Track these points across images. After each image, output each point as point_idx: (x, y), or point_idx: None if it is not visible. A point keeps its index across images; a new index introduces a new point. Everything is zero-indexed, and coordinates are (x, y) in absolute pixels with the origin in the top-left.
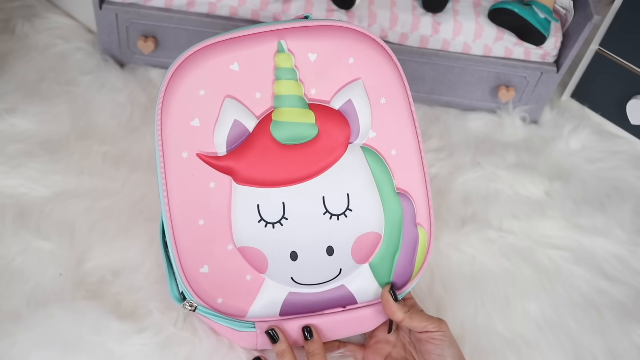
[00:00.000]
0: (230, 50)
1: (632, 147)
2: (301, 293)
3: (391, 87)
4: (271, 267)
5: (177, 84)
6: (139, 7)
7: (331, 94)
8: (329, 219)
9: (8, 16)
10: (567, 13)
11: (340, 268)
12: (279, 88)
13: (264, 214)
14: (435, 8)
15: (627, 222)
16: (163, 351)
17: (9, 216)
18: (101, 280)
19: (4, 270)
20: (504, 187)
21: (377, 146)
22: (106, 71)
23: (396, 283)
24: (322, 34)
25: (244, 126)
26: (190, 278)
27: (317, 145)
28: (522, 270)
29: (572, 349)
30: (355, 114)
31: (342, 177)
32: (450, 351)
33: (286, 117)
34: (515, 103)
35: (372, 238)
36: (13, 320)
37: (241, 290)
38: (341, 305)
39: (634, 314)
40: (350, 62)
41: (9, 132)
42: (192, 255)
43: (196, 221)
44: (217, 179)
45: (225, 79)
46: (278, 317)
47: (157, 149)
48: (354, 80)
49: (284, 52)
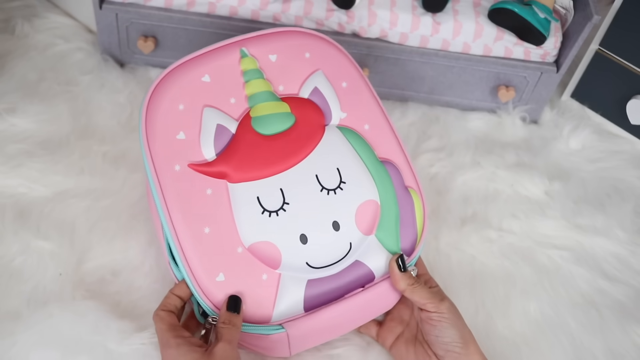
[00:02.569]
0: (198, 65)
1: (632, 147)
2: (320, 280)
3: (347, 72)
4: (284, 257)
5: (156, 105)
6: (139, 7)
7: (298, 86)
8: (327, 194)
9: (8, 16)
10: (567, 13)
11: (349, 242)
12: (250, 88)
13: (265, 204)
14: (435, 8)
15: (627, 222)
16: None
17: (8, 216)
18: (101, 280)
19: (4, 270)
20: (504, 187)
21: (351, 124)
22: (106, 71)
23: (405, 249)
24: (276, 38)
25: (227, 129)
26: (206, 291)
27: (298, 131)
28: (522, 270)
29: (572, 349)
30: (324, 99)
31: (329, 155)
32: (449, 333)
33: (263, 110)
34: (515, 103)
35: (371, 206)
36: (13, 320)
37: (261, 293)
38: (361, 286)
39: (634, 314)
40: (307, 56)
41: (9, 132)
42: (205, 266)
43: (202, 231)
44: (212, 185)
45: (200, 91)
46: (303, 313)
47: (149, 169)
48: (314, 72)
49: (248, 57)
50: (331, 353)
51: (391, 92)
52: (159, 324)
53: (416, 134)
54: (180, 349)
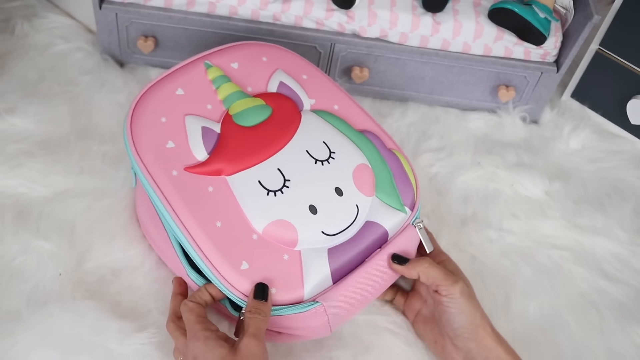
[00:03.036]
0: (169, 82)
1: (633, 147)
2: (340, 248)
3: (304, 67)
4: (300, 231)
5: (139, 121)
6: (139, 7)
7: (264, 84)
8: (321, 165)
9: (8, 16)
10: (567, 13)
11: (355, 204)
12: (222, 93)
13: (267, 185)
14: (435, 8)
15: (628, 222)
16: (163, 351)
17: (8, 216)
18: (101, 280)
19: (4, 270)
20: (504, 187)
21: (322, 107)
22: (106, 71)
23: (407, 204)
24: (233, 49)
25: (212, 130)
26: (233, 281)
27: (277, 118)
28: (522, 270)
29: (572, 349)
30: (291, 90)
31: (312, 132)
32: (457, 319)
33: (241, 107)
34: (516, 103)
35: (365, 170)
36: (13, 320)
37: (287, 274)
38: (378, 247)
39: (634, 314)
40: (264, 60)
41: (8, 132)
42: (226, 258)
43: (214, 226)
44: (212, 183)
45: (177, 103)
46: (332, 285)
47: (147, 181)
48: (275, 71)
49: (212, 67)
50: (330, 355)
51: (391, 92)
52: (188, 315)
53: (416, 134)
54: (207, 343)
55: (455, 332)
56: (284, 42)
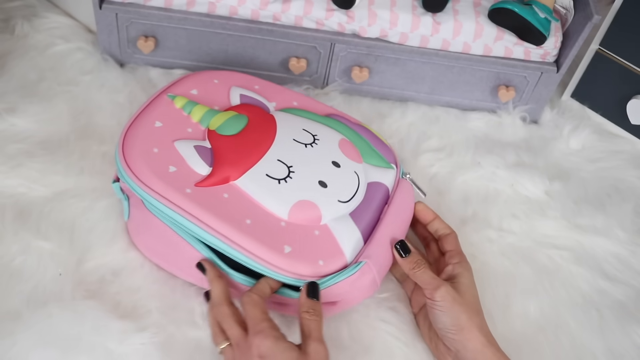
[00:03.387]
0: (145, 118)
1: (633, 147)
2: (357, 210)
3: (252, 80)
4: (320, 205)
5: (134, 159)
6: (139, 7)
7: (227, 101)
8: (312, 147)
9: (8, 16)
10: (568, 13)
11: (354, 171)
12: (196, 115)
13: (275, 175)
14: (435, 8)
15: (628, 222)
16: (163, 351)
17: (8, 216)
18: (101, 280)
19: (4, 270)
20: (504, 187)
21: (284, 106)
22: (106, 71)
23: (391, 162)
24: (186, 79)
25: (203, 146)
26: (285, 265)
27: (255, 121)
28: (522, 270)
29: (573, 349)
30: (252, 99)
31: (290, 124)
32: (441, 320)
33: (220, 120)
34: (516, 103)
35: (347, 143)
36: (13, 320)
37: (325, 247)
38: (385, 202)
39: (634, 314)
40: (216, 82)
41: (8, 132)
42: (269, 247)
43: (245, 224)
44: (224, 190)
45: (161, 134)
46: (365, 244)
47: (165, 205)
48: (230, 88)
49: (177, 97)
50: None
51: (391, 92)
52: (253, 309)
53: (416, 134)
54: (278, 344)
55: (440, 332)
56: (284, 42)
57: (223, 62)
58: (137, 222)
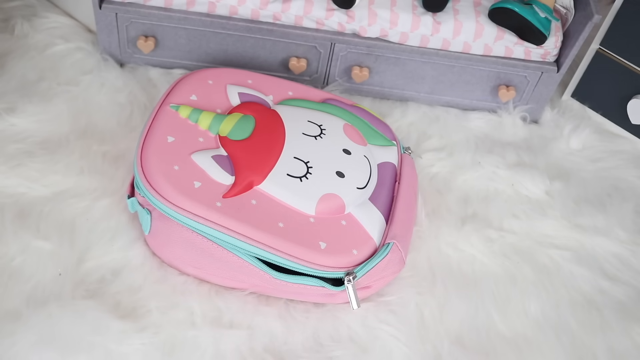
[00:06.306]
0: (156, 134)
1: (633, 147)
2: (374, 194)
3: (244, 75)
4: (343, 195)
5: (158, 181)
6: (139, 7)
7: (227, 102)
8: (321, 139)
9: (8, 16)
10: (568, 12)
11: (363, 155)
12: (203, 123)
13: (296, 174)
14: (435, 8)
15: (628, 222)
16: (163, 351)
17: (8, 216)
18: (101, 280)
19: (4, 270)
20: (505, 187)
21: (281, 98)
22: (106, 71)
23: (392, 139)
24: (182, 85)
25: (221, 155)
26: (324, 261)
27: (263, 120)
28: (522, 269)
29: (573, 349)
30: (251, 95)
31: (295, 118)
32: None
33: (229, 126)
34: (516, 102)
35: (350, 128)
36: (13, 320)
37: (354, 235)
38: (394, 179)
39: (634, 314)
40: (210, 82)
41: (8, 132)
42: (306, 245)
43: (278, 227)
44: (252, 196)
45: (176, 148)
46: (387, 224)
47: (199, 222)
48: (225, 87)
49: (180, 106)
50: (330, 355)
51: (391, 92)
52: None
53: (416, 134)
54: None
55: None
56: (284, 41)
57: (223, 62)
58: (162, 235)
